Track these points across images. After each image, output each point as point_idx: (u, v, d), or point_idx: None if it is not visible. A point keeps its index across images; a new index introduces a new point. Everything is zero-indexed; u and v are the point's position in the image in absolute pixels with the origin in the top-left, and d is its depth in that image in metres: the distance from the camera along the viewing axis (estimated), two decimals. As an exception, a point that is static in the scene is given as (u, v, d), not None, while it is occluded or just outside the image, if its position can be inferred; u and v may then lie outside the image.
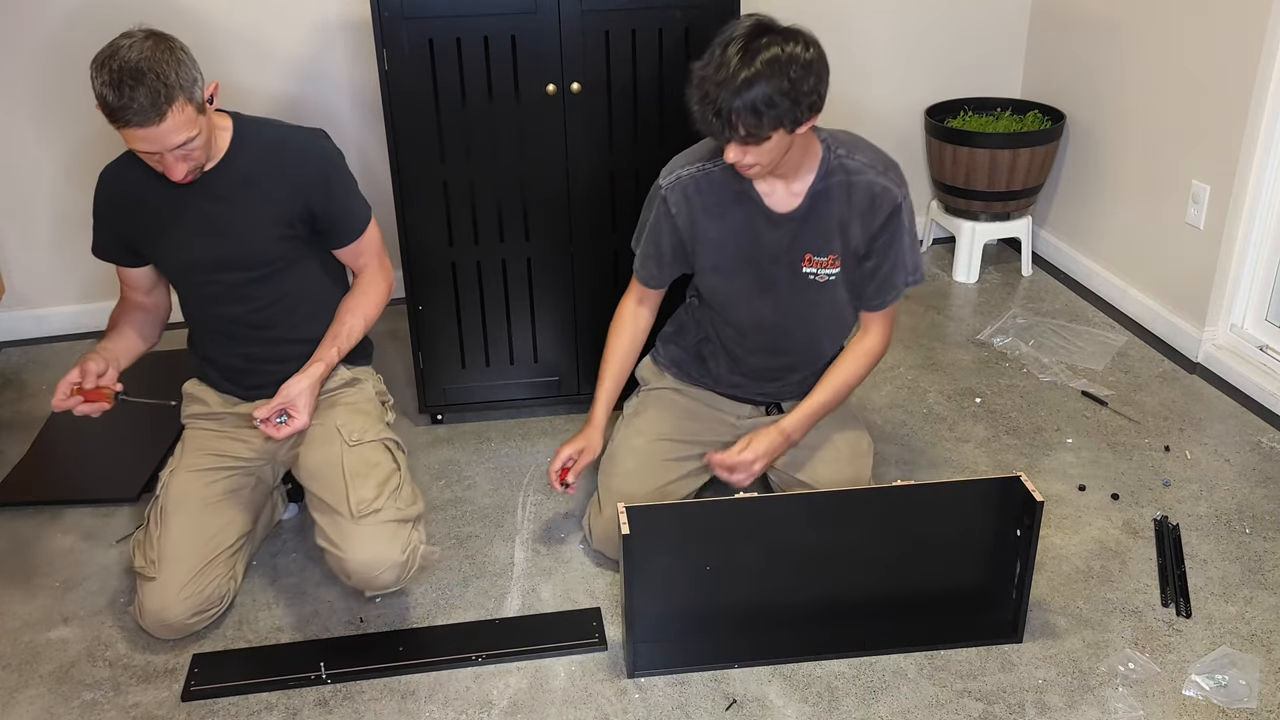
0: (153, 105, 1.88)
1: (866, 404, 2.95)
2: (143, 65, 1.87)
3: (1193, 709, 2.00)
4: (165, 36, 1.95)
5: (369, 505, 2.10)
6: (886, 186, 2.15)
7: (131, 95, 1.86)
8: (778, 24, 1.97)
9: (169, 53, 1.91)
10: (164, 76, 1.88)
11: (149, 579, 2.13)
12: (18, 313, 3.41)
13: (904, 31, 3.61)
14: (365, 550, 2.08)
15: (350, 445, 2.19)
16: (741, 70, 1.89)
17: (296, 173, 2.14)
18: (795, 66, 1.91)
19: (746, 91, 1.89)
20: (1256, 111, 2.81)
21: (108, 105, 1.90)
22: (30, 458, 2.81)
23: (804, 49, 1.94)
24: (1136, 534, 2.44)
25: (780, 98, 1.90)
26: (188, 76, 1.93)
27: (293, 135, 2.19)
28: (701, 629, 2.14)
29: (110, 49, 1.91)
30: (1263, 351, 2.97)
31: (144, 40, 1.91)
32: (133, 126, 1.90)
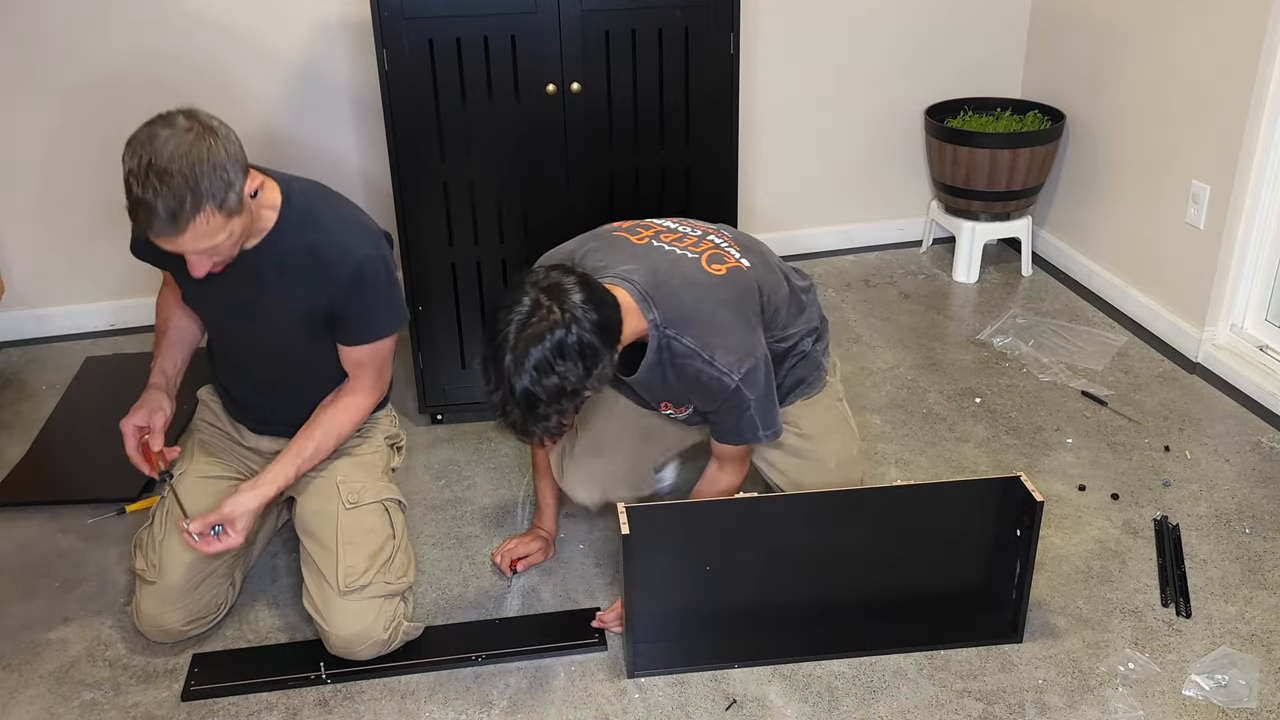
0: (172, 217, 1.72)
1: (867, 404, 2.95)
2: (173, 166, 1.71)
3: (1193, 709, 2.00)
4: (209, 129, 1.77)
5: (356, 579, 2.07)
6: (715, 376, 1.97)
7: (154, 200, 1.71)
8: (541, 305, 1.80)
9: (207, 152, 1.73)
10: (193, 181, 1.72)
11: (148, 582, 2.13)
12: (18, 313, 3.40)
13: (904, 31, 3.61)
14: (348, 626, 2.06)
15: (347, 507, 2.15)
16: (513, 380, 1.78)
17: (332, 274, 1.99)
18: (561, 361, 1.77)
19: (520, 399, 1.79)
20: (1256, 111, 2.81)
21: (128, 199, 1.74)
22: (30, 458, 2.81)
23: (565, 331, 1.77)
24: (1136, 534, 2.44)
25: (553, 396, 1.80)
26: (222, 182, 1.75)
27: (339, 233, 2.00)
28: (701, 629, 2.14)
29: (147, 134, 1.74)
30: (1263, 351, 2.97)
31: (185, 133, 1.74)
32: (150, 234, 1.77)
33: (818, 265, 3.77)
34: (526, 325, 1.77)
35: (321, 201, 2.03)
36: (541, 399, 1.78)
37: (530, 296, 1.80)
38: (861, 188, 3.81)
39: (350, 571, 2.07)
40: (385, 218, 3.43)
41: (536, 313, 1.78)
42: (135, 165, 1.71)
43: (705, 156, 2.69)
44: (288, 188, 1.98)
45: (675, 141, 2.67)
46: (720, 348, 1.96)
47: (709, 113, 2.65)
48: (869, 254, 3.85)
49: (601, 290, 1.87)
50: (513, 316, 1.79)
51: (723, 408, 2.04)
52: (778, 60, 3.53)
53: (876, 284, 3.64)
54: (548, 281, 1.81)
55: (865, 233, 3.88)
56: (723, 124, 2.66)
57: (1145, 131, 3.23)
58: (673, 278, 1.99)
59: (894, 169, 3.81)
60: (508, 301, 1.82)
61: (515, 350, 1.77)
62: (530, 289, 1.81)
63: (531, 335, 1.76)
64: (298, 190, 1.99)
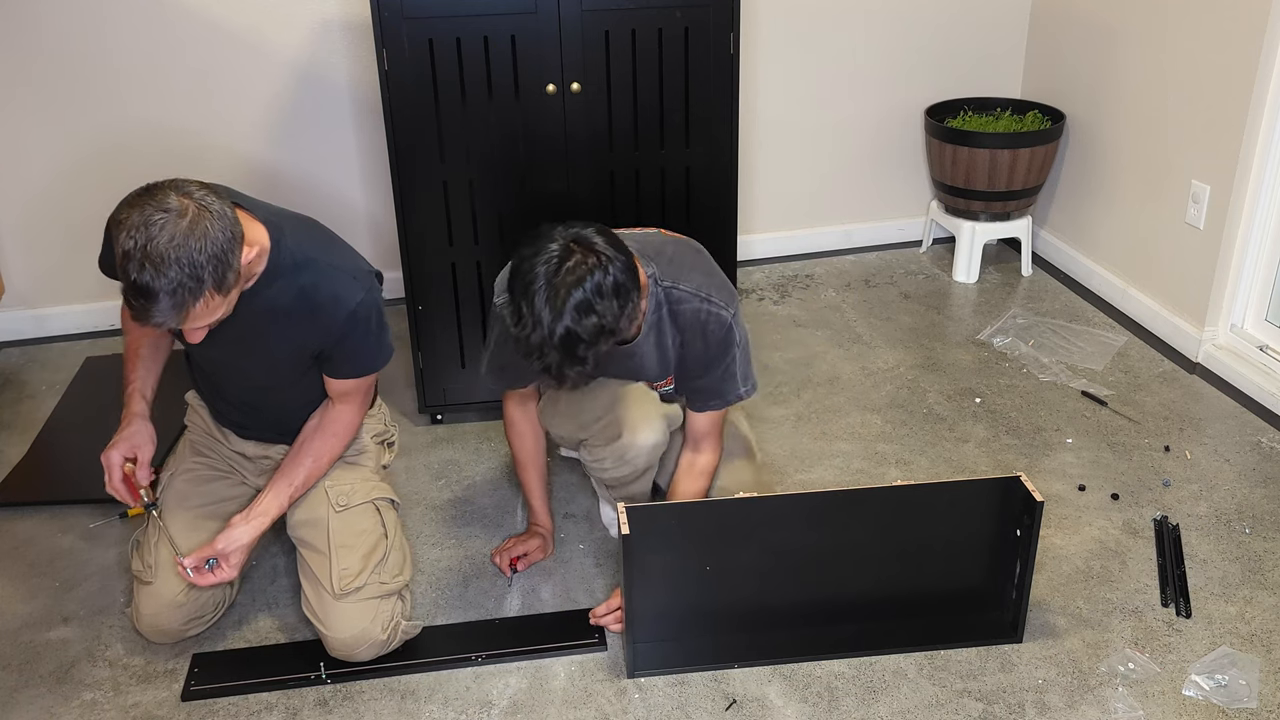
0: (173, 306, 1.67)
1: (867, 404, 2.95)
2: (170, 255, 1.64)
3: (1193, 709, 2.00)
4: (204, 210, 1.69)
5: (351, 582, 2.07)
6: (713, 312, 2.09)
7: (154, 287, 1.65)
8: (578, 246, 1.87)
9: (205, 240, 1.67)
10: (193, 270, 1.65)
11: (146, 583, 2.13)
12: (18, 313, 3.40)
13: (904, 31, 3.61)
14: (346, 629, 2.07)
15: (337, 511, 2.14)
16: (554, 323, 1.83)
17: (323, 318, 1.96)
18: (600, 300, 1.84)
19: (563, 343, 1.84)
20: (1256, 111, 2.81)
21: (124, 280, 1.67)
22: (30, 458, 2.81)
23: (603, 273, 1.85)
24: (1136, 534, 2.44)
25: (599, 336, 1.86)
26: (221, 266, 1.69)
27: (332, 279, 1.95)
28: (701, 629, 2.14)
29: (141, 218, 1.65)
30: (1263, 351, 2.97)
31: (179, 218, 1.65)
32: (146, 319, 1.70)
33: (818, 265, 3.77)
34: (561, 270, 1.83)
35: (312, 244, 1.97)
36: (582, 339, 1.84)
37: (558, 244, 1.86)
38: (861, 188, 3.81)
39: (344, 574, 2.08)
40: (386, 217, 3.46)
41: (570, 257, 1.84)
42: (132, 248, 1.64)
43: (705, 156, 2.69)
44: (278, 232, 1.90)
45: (675, 141, 2.67)
46: (713, 288, 2.11)
47: (709, 113, 2.65)
48: (869, 254, 3.85)
49: (619, 238, 1.94)
50: (546, 262, 1.84)
51: (713, 359, 2.14)
52: (778, 60, 3.53)
53: (876, 284, 3.64)
54: (572, 231, 1.89)
55: (865, 233, 3.88)
56: (723, 124, 2.66)
57: (1145, 131, 3.23)
58: (651, 239, 2.17)
59: (894, 169, 3.81)
60: (535, 250, 1.87)
61: (554, 294, 1.82)
62: (557, 239, 1.87)
63: (570, 279, 1.83)
64: (288, 234, 1.92)
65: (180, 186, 1.70)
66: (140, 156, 3.26)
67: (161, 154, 3.27)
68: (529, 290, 1.84)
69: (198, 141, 3.28)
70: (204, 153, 3.30)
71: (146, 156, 3.27)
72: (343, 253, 2.03)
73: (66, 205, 3.29)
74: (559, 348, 1.84)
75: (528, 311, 1.84)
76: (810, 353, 3.23)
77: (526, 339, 1.85)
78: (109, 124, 3.22)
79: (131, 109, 3.22)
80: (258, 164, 3.34)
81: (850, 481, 2.64)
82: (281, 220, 1.93)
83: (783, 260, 3.80)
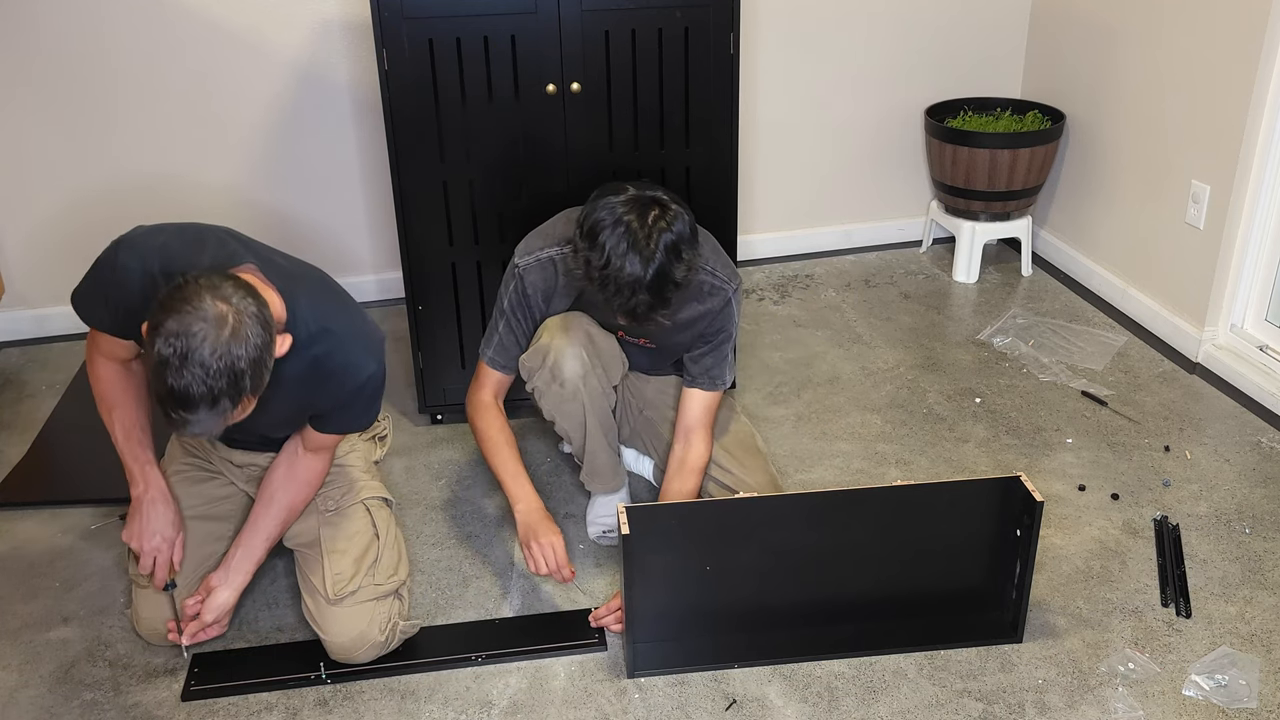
0: (213, 419, 1.65)
1: (867, 404, 2.95)
2: (213, 365, 1.59)
3: (1193, 709, 2.00)
4: (242, 314, 1.63)
5: (345, 586, 2.07)
6: (716, 285, 2.21)
7: (193, 395, 1.60)
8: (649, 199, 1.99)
9: (246, 348, 1.62)
10: (236, 381, 1.62)
11: (143, 588, 2.13)
12: (18, 313, 3.40)
13: (904, 31, 3.61)
14: (344, 633, 2.07)
15: (327, 515, 2.14)
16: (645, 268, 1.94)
17: (332, 387, 1.94)
18: (686, 249, 1.98)
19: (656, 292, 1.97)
20: (1256, 111, 2.81)
21: (159, 385, 1.61)
22: (30, 458, 2.81)
23: (683, 225, 1.98)
24: (1136, 534, 2.44)
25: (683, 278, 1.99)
26: (260, 370, 1.66)
27: (346, 350, 1.92)
28: (701, 629, 2.14)
29: (179, 327, 1.59)
30: (1263, 351, 2.97)
31: (220, 326, 1.60)
32: (183, 429, 1.66)
33: (818, 265, 3.77)
34: (649, 216, 1.94)
35: (327, 311, 1.91)
36: (673, 280, 1.96)
37: (633, 194, 1.97)
38: (861, 188, 3.81)
39: (338, 579, 2.08)
40: (386, 217, 3.46)
41: (652, 206, 1.96)
42: (170, 355, 1.58)
43: (705, 156, 2.69)
44: (293, 300, 1.84)
45: (675, 141, 2.67)
46: (717, 263, 2.22)
47: (709, 113, 2.65)
48: (869, 254, 3.85)
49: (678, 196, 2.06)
50: (631, 209, 1.94)
51: (712, 335, 2.24)
52: (778, 60, 3.53)
53: (876, 284, 3.64)
54: (643, 184, 2.01)
55: (865, 233, 3.88)
56: (723, 124, 2.66)
57: (1145, 131, 3.23)
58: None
59: (894, 169, 3.81)
60: (616, 200, 1.96)
61: (648, 237, 1.93)
62: (630, 189, 1.98)
63: (660, 225, 1.94)
64: (303, 302, 1.86)
65: (216, 289, 1.63)
66: (140, 157, 3.27)
67: (161, 154, 3.28)
68: (619, 233, 1.93)
69: (198, 142, 3.28)
70: (204, 153, 3.30)
71: (146, 157, 3.27)
72: (355, 319, 1.97)
73: (66, 205, 3.28)
74: (650, 288, 1.94)
75: (619, 253, 1.92)
76: (810, 353, 3.23)
77: (616, 279, 1.93)
78: (109, 124, 3.22)
79: (131, 109, 3.22)
80: (257, 164, 3.35)
81: (850, 481, 2.64)
82: (295, 286, 1.87)
83: (783, 260, 3.80)
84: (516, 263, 2.23)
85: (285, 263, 1.94)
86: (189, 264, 1.80)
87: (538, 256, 2.22)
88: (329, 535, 2.13)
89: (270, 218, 3.41)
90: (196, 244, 1.86)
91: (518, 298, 2.24)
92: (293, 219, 3.44)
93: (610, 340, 2.31)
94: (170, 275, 1.80)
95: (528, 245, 2.25)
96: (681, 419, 2.32)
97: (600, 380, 2.27)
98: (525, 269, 2.22)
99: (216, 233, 1.91)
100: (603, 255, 1.94)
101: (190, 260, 1.81)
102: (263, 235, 3.36)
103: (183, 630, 2.09)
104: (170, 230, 1.91)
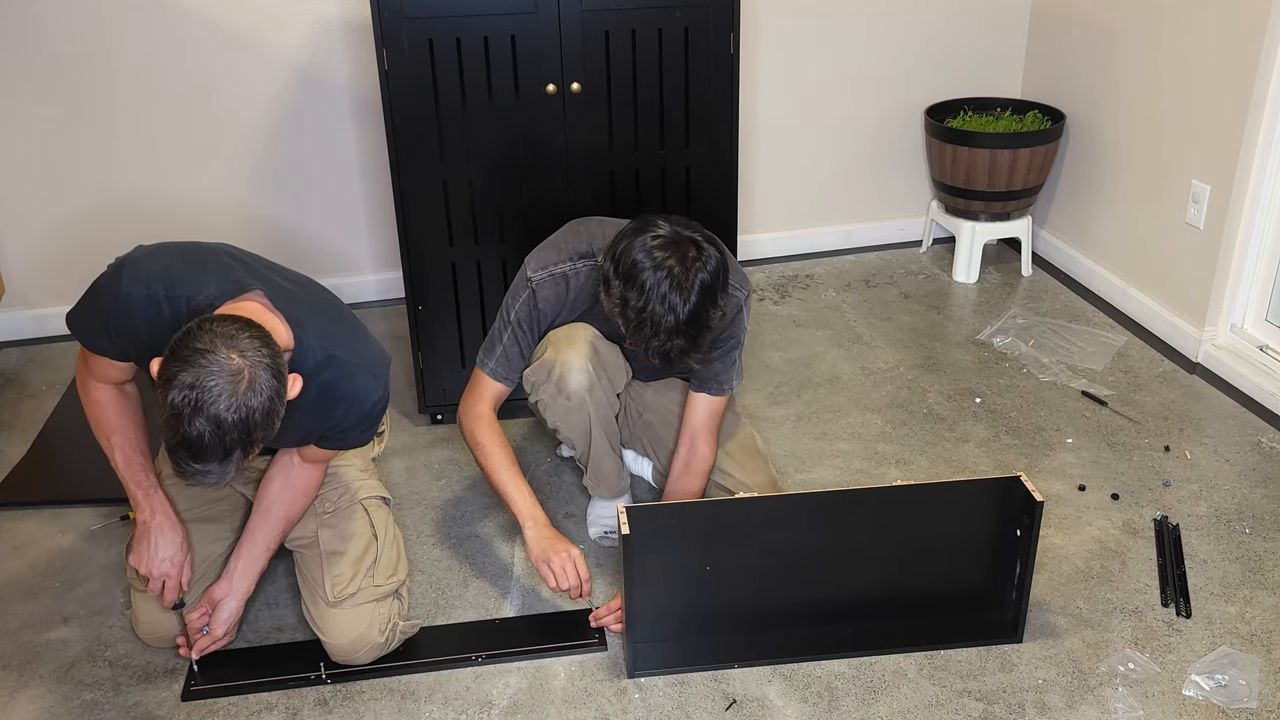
0: (225, 470, 1.63)
1: (867, 404, 2.95)
2: (228, 417, 1.56)
3: (1193, 709, 2.00)
4: (256, 365, 1.60)
5: (344, 588, 2.07)
6: (731, 294, 2.16)
7: (204, 443, 1.58)
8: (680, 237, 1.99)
9: (259, 401, 1.59)
10: (248, 432, 1.60)
11: (141, 591, 2.13)
12: (18, 313, 3.40)
13: (904, 31, 3.61)
14: (344, 634, 2.07)
15: (325, 516, 2.13)
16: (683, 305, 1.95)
17: (338, 413, 1.92)
18: (720, 293, 2.01)
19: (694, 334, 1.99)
20: (1256, 111, 2.81)
21: (172, 434, 1.58)
22: (30, 458, 2.81)
23: (716, 264, 1.99)
24: (1136, 534, 2.44)
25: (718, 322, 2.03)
26: (271, 419, 1.63)
27: (354, 378, 1.90)
28: (701, 629, 2.14)
29: (192, 379, 1.55)
30: (1263, 351, 2.97)
31: (235, 379, 1.57)
32: (189, 476, 1.64)
33: (818, 265, 3.78)
34: (687, 260, 1.96)
35: (334, 337, 1.89)
36: (707, 325, 1.99)
37: (669, 233, 1.97)
38: (861, 188, 3.81)
39: (337, 581, 2.08)
40: (386, 217, 3.46)
41: (686, 251, 1.96)
42: (182, 403, 1.55)
43: (705, 156, 2.69)
44: (300, 330, 1.81)
45: (675, 141, 2.67)
46: (732, 272, 2.17)
47: (709, 113, 2.65)
48: (869, 254, 3.85)
49: (710, 233, 2.07)
50: (669, 251, 1.95)
51: (723, 342, 2.23)
52: (778, 60, 3.53)
53: (876, 284, 3.64)
54: (678, 221, 2.01)
55: (865, 233, 3.88)
56: (723, 124, 2.66)
57: (1145, 131, 3.23)
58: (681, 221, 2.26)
59: (894, 169, 3.81)
60: (650, 238, 1.96)
61: (685, 282, 1.94)
62: (664, 227, 1.98)
63: (695, 269, 1.95)
64: (310, 329, 1.83)
65: (231, 340, 1.59)
66: (140, 157, 3.27)
67: (161, 154, 3.28)
68: (660, 277, 1.93)
69: (198, 141, 3.28)
70: (204, 153, 3.30)
71: (146, 157, 3.27)
72: (361, 343, 1.95)
73: (67, 205, 3.29)
74: (687, 334, 1.96)
75: (658, 298, 1.93)
76: (810, 353, 3.23)
77: (653, 322, 1.94)
78: (109, 124, 3.22)
79: (131, 109, 3.22)
80: (257, 164, 3.35)
81: (850, 481, 2.64)
82: (301, 312, 1.84)
83: (783, 260, 3.80)
84: (530, 276, 2.20)
85: (288, 284, 1.90)
86: (194, 288, 1.79)
87: (551, 271, 2.20)
88: (327, 537, 2.13)
89: (270, 218, 3.41)
90: (199, 266, 1.84)
91: (528, 310, 2.22)
92: (293, 219, 3.44)
93: (614, 351, 2.29)
94: (174, 299, 1.79)
95: (541, 259, 2.22)
96: (687, 423, 2.32)
97: (605, 391, 2.26)
98: (539, 283, 2.20)
99: (218, 255, 1.88)
100: (642, 297, 1.94)
101: (195, 283, 1.80)
102: (263, 235, 3.40)
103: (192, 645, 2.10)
104: (171, 251, 1.88)
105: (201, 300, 1.78)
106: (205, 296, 1.78)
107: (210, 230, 3.35)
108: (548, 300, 2.21)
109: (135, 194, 3.30)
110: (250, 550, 2.11)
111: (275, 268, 1.95)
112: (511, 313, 2.24)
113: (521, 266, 2.25)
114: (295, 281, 1.95)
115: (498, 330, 2.27)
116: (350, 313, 2.01)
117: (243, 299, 1.78)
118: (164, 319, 1.79)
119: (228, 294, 1.78)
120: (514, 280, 2.27)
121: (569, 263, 2.20)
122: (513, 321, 2.23)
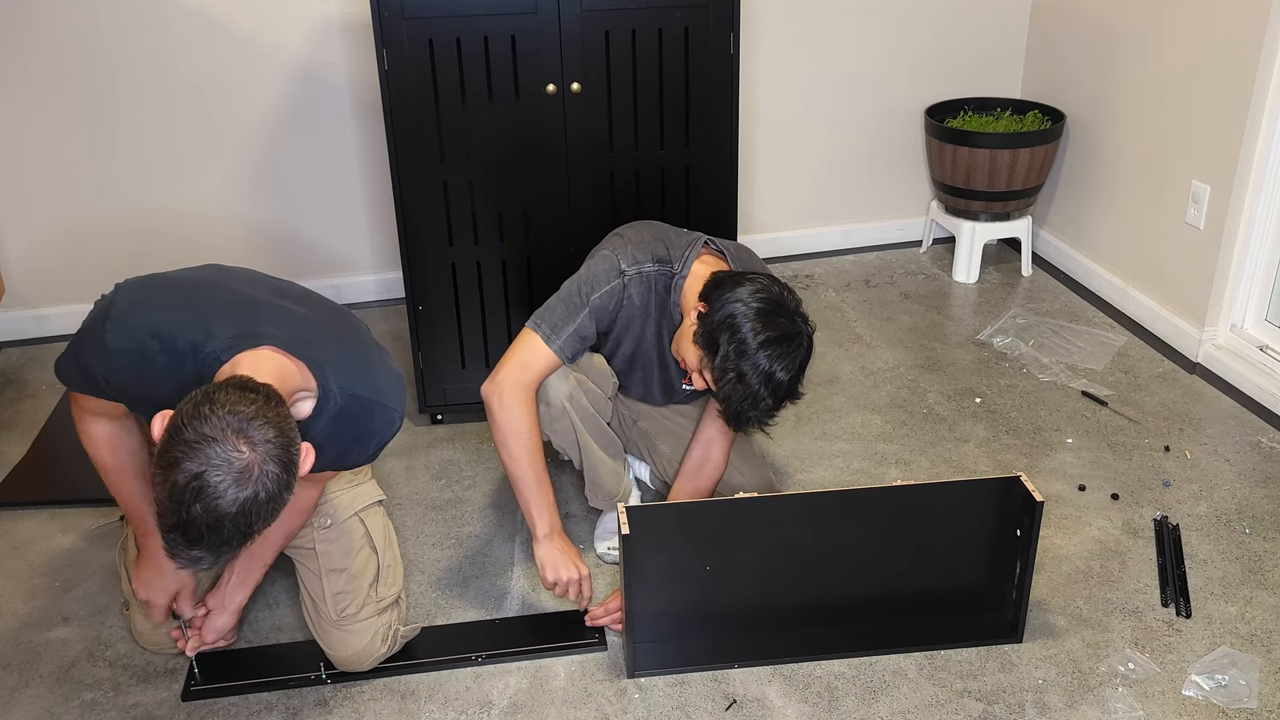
0: (215, 560, 1.56)
1: (867, 404, 2.95)
2: (229, 513, 1.49)
3: (1193, 709, 2.00)
4: (267, 458, 1.51)
5: (348, 608, 2.06)
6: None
7: (199, 545, 1.51)
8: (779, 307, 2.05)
9: (266, 487, 1.51)
10: (248, 528, 1.52)
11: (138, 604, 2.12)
12: (18, 313, 3.41)
13: (904, 31, 3.61)
14: (346, 648, 2.07)
15: (321, 531, 2.09)
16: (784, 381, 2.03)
17: (355, 448, 1.89)
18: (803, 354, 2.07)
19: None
20: (1256, 111, 2.81)
21: (167, 516, 1.50)
22: (30, 458, 2.81)
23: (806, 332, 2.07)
24: (1136, 534, 2.44)
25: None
26: (275, 509, 1.55)
27: (370, 414, 1.84)
28: (701, 629, 2.14)
29: (197, 468, 1.46)
30: (1263, 351, 2.97)
31: (243, 475, 1.48)
32: (183, 561, 1.56)
33: (818, 265, 3.77)
34: (789, 332, 2.02)
35: (353, 375, 1.81)
36: (796, 398, 2.08)
37: (773, 298, 2.03)
38: (861, 188, 3.81)
39: (339, 599, 2.06)
40: (385, 217, 3.46)
41: (791, 323, 2.03)
42: (184, 493, 1.47)
43: (705, 156, 2.69)
44: (321, 375, 1.75)
45: (675, 141, 2.67)
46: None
47: (709, 113, 2.65)
48: (869, 254, 3.85)
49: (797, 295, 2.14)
50: (773, 333, 2.00)
51: None
52: (778, 60, 3.53)
53: (876, 284, 3.64)
54: (771, 295, 2.04)
55: (865, 233, 3.88)
56: (723, 124, 2.66)
57: (1145, 131, 3.23)
58: (741, 248, 2.33)
59: (894, 169, 3.81)
60: (750, 321, 2.01)
61: (789, 358, 2.02)
62: (769, 290, 2.04)
63: (794, 344, 2.03)
64: (330, 373, 1.77)
65: (242, 431, 1.49)
66: (140, 157, 3.27)
67: (161, 155, 3.28)
68: (769, 353, 1.99)
69: (198, 141, 3.28)
70: (204, 152, 3.30)
71: (146, 157, 3.27)
72: (380, 374, 1.88)
73: (67, 205, 3.29)
74: (773, 405, 2.03)
75: (760, 366, 1.99)
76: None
77: (746, 387, 2.00)
78: (109, 123, 3.22)
79: (131, 109, 3.22)
80: (258, 163, 3.35)
81: (850, 481, 2.64)
82: (321, 353, 1.77)
83: (783, 260, 3.80)
84: (624, 269, 2.17)
85: (298, 308, 1.83)
86: (199, 332, 1.71)
87: (640, 269, 2.18)
88: (325, 553, 2.08)
89: (270, 218, 3.41)
90: (198, 307, 1.76)
91: (615, 300, 2.17)
92: (292, 219, 3.44)
93: (590, 357, 2.27)
94: (175, 352, 1.71)
95: (632, 255, 2.18)
96: (704, 428, 2.32)
97: (590, 395, 2.25)
98: (630, 279, 2.17)
99: (219, 288, 1.81)
100: (748, 361, 1.99)
101: (198, 328, 1.72)
102: (262, 235, 3.40)
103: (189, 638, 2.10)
104: (162, 293, 1.79)
105: (208, 352, 1.69)
106: (212, 348, 1.69)
107: (210, 230, 3.36)
108: (632, 298, 2.19)
109: (135, 194, 3.30)
110: (245, 566, 2.11)
111: (280, 288, 1.89)
112: (593, 295, 2.17)
113: (600, 255, 2.20)
114: (301, 301, 1.88)
115: (569, 309, 2.17)
116: (361, 330, 1.95)
117: (257, 351, 1.69)
118: (159, 370, 1.72)
119: (238, 341, 1.69)
120: (592, 265, 2.20)
121: (653, 265, 2.20)
122: (593, 304, 2.17)
